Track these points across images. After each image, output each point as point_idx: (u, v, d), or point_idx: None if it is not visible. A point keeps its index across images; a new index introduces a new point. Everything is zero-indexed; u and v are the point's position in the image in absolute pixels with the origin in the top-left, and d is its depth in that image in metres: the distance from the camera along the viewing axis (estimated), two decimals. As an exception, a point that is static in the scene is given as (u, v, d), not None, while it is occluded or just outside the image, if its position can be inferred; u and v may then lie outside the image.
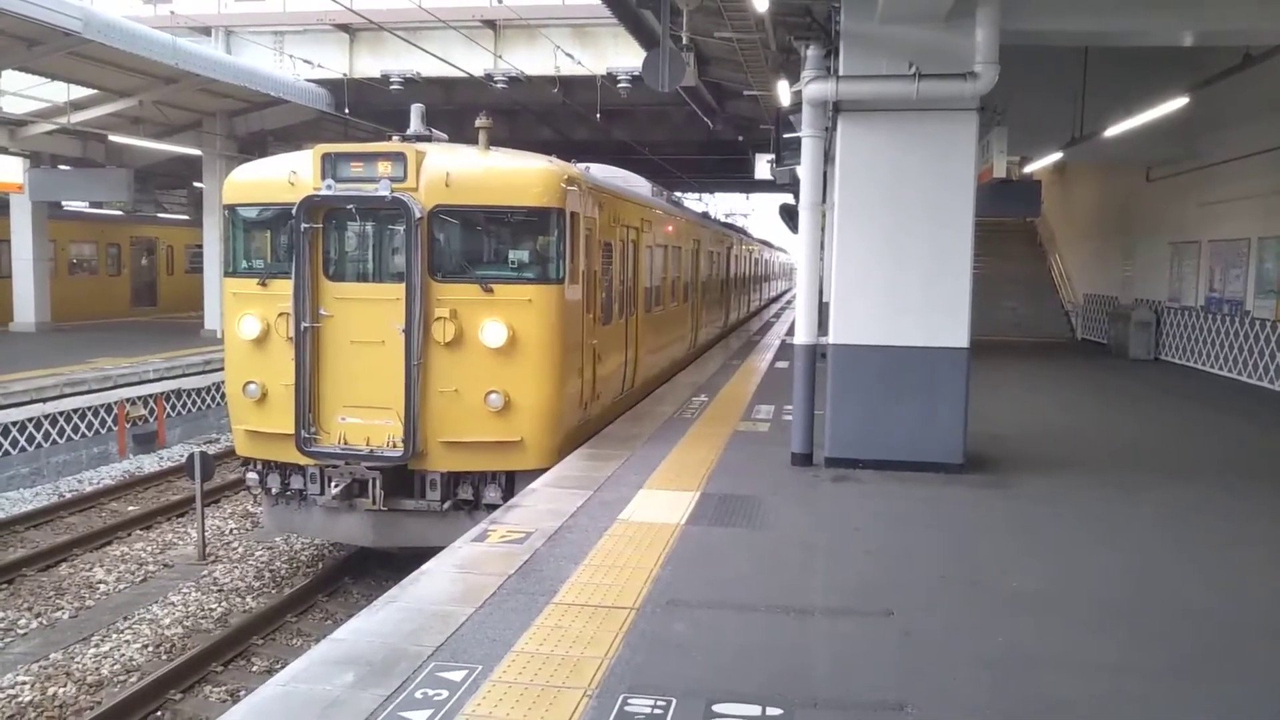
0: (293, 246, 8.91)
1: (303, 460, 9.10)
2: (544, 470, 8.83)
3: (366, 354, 8.92)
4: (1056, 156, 18.73)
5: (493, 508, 8.25)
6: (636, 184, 14.57)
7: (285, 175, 9.09)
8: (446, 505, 9.01)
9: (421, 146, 9.11)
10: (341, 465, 8.91)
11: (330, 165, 8.83)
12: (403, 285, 8.76)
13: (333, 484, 8.97)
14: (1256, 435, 11.96)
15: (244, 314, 9.19)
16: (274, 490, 9.51)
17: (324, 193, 8.81)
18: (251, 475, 9.65)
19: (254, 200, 9.45)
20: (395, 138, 9.65)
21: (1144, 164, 20.24)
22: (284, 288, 9.00)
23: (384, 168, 8.76)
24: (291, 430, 8.95)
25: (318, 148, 8.94)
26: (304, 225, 8.81)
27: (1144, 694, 4.63)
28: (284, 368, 9.00)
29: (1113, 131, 15.19)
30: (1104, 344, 22.51)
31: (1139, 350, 20.03)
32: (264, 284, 9.21)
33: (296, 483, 9.37)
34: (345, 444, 8.96)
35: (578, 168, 10.53)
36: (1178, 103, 13.51)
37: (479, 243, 9.32)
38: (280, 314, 9.04)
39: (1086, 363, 20.20)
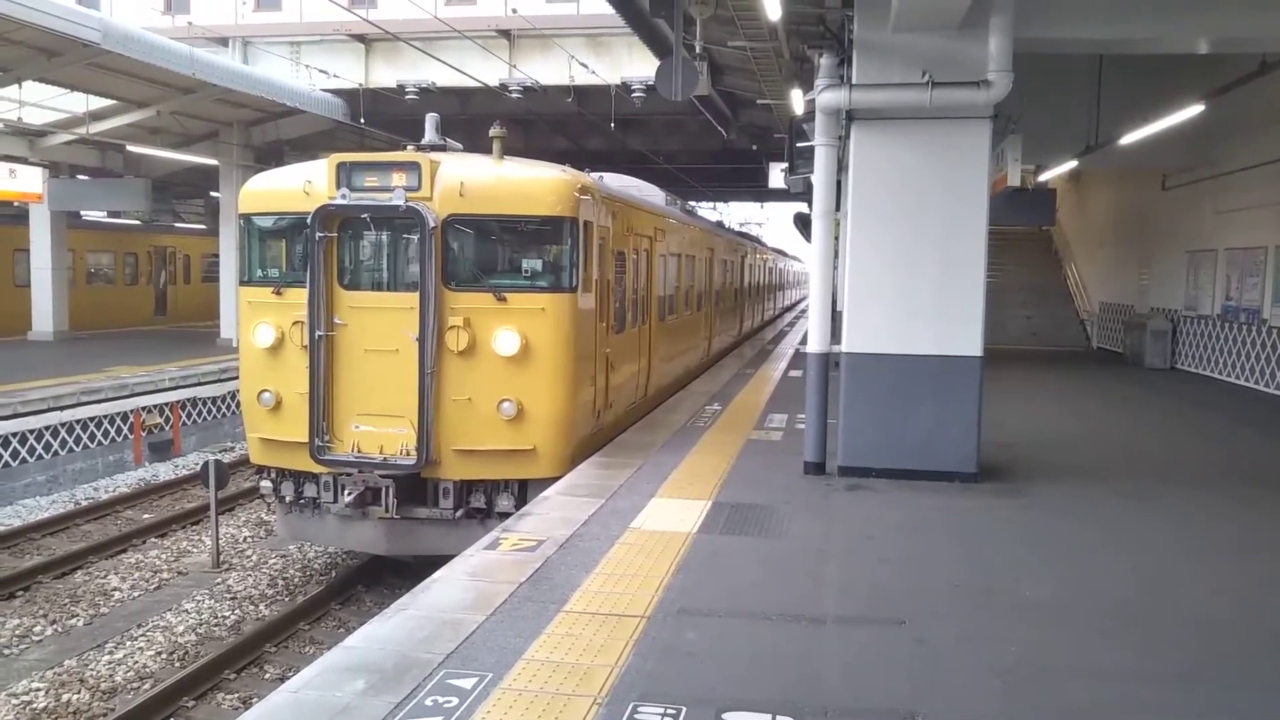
0: (307, 255, 8.95)
1: (316, 468, 9.13)
2: (556, 479, 8.83)
3: (380, 362, 8.96)
4: (1071, 165, 18.66)
5: (505, 516, 8.27)
6: (650, 193, 14.59)
7: (300, 185, 9.14)
8: (459, 513, 9.03)
9: (436, 156, 9.15)
10: (355, 473, 8.93)
11: (345, 174, 8.88)
12: (416, 294, 8.80)
13: (346, 492, 8.99)
14: (1272, 444, 11.86)
15: (259, 322, 9.24)
16: (288, 498, 9.55)
17: (339, 202, 8.85)
18: (265, 483, 9.70)
19: (269, 209, 9.52)
20: (410, 147, 9.70)
21: (1159, 172, 20.14)
22: (299, 296, 9.05)
23: (398, 177, 8.80)
24: (305, 438, 8.99)
25: (332, 157, 9.00)
26: (319, 234, 8.86)
27: (1157, 702, 4.59)
28: (298, 376, 9.04)
29: (1128, 139, 15.14)
30: (1120, 353, 22.38)
31: (1155, 359, 19.92)
32: (279, 293, 9.26)
33: (310, 491, 9.40)
34: (359, 452, 8.99)
35: (591, 177, 10.56)
36: (1193, 110, 13.45)
37: (493, 252, 9.35)
38: (295, 322, 9.10)
39: (1102, 371, 20.09)
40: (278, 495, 9.62)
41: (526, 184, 9.27)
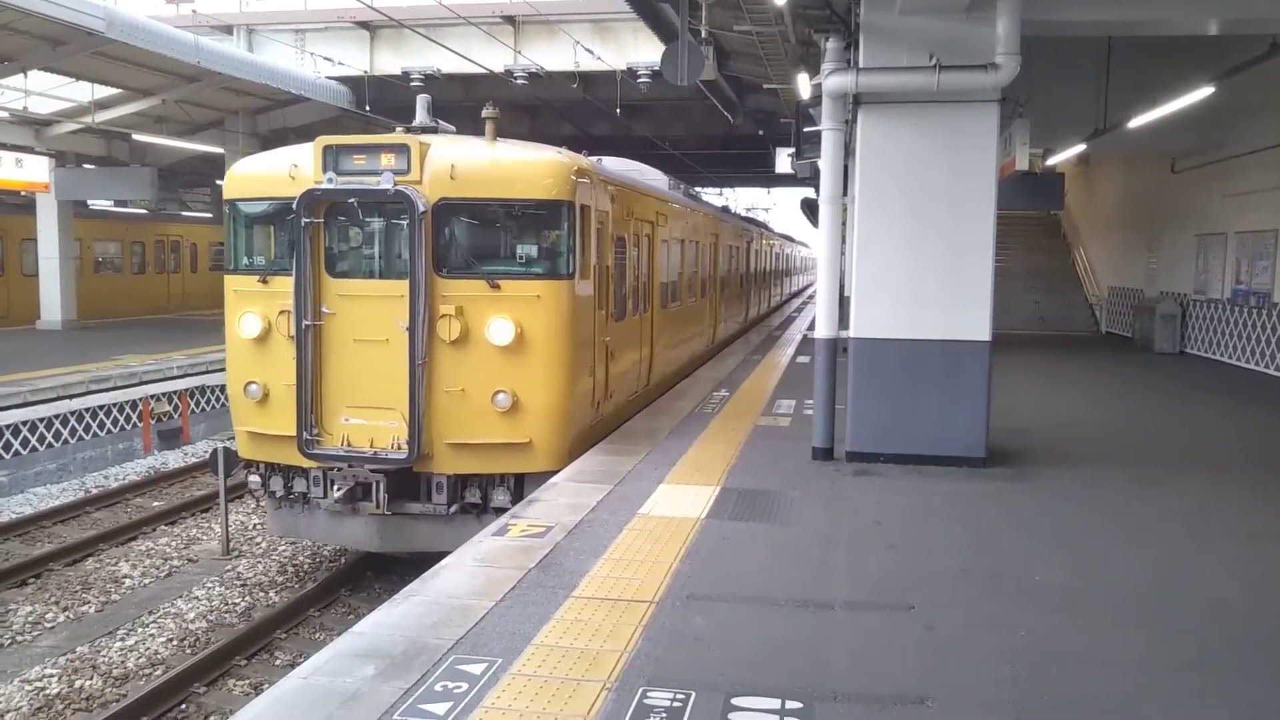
0: (294, 242, 8.63)
1: (305, 462, 8.82)
2: (554, 472, 8.57)
3: (370, 353, 8.63)
4: (1080, 148, 18.56)
5: (501, 511, 7.98)
6: (652, 177, 14.35)
7: (286, 169, 8.79)
8: (453, 509, 8.72)
9: (426, 138, 8.83)
10: (344, 468, 8.56)
11: (332, 158, 8.52)
12: (407, 282, 8.46)
13: (335, 487, 8.64)
14: (1284, 429, 11.83)
15: (244, 312, 8.91)
16: (277, 493, 9.23)
17: (325, 186, 8.51)
18: (253, 478, 9.38)
19: (254, 195, 9.18)
20: (399, 129, 9.47)
21: (1169, 155, 20.04)
22: (285, 285, 8.69)
23: (387, 160, 8.45)
24: (293, 432, 8.69)
25: (319, 140, 8.65)
26: (305, 220, 8.52)
27: (1167, 689, 4.58)
28: (285, 367, 8.70)
29: (1137, 123, 15.03)
30: (1129, 337, 22.31)
31: (1164, 343, 19.85)
32: (265, 281, 8.91)
33: (299, 485, 9.08)
34: (348, 446, 8.66)
35: (589, 160, 10.27)
36: (1203, 93, 13.35)
37: (485, 237, 9.00)
38: (281, 312, 8.73)
39: (1111, 356, 20.03)
40: (267, 490, 9.32)
41: (521, 166, 8.97)
